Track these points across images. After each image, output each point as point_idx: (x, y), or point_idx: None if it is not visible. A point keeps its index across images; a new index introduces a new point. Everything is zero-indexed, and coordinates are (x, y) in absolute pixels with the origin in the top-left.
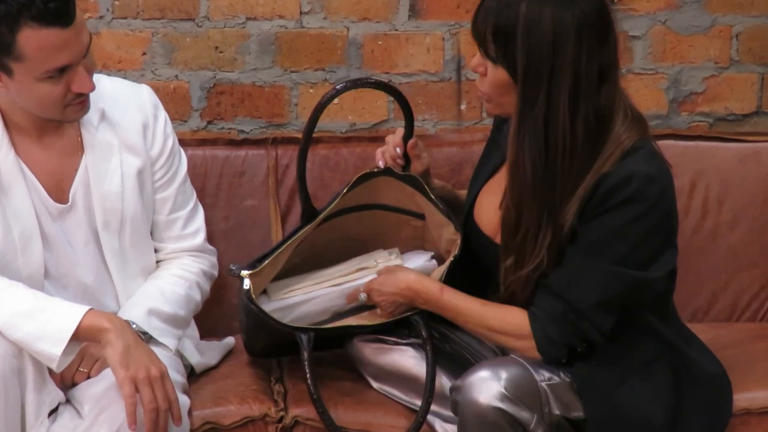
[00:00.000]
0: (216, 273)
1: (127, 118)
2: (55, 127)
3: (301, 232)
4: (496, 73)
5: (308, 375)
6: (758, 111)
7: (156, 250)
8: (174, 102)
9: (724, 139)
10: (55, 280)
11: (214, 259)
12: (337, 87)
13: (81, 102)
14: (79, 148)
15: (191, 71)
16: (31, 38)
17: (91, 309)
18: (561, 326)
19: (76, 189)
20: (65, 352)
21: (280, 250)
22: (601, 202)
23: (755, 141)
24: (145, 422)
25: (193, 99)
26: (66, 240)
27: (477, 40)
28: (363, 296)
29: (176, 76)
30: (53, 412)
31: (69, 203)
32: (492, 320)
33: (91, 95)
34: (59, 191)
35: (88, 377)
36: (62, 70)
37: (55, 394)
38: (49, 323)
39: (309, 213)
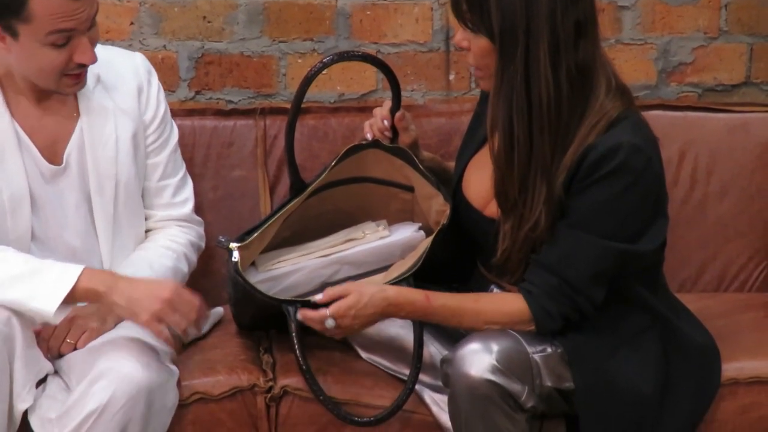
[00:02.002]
0: (203, 244)
1: (121, 82)
2: (50, 94)
3: (290, 204)
4: (478, 43)
5: (296, 346)
6: (747, 81)
7: (145, 218)
8: (162, 72)
9: (712, 110)
10: (41, 242)
11: (202, 231)
12: (324, 60)
13: (79, 74)
14: (75, 112)
15: (179, 41)
16: (43, 2)
17: (84, 269)
18: (557, 300)
19: (71, 151)
20: (59, 310)
21: (269, 223)
22: (588, 174)
23: (744, 111)
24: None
25: (181, 69)
26: (57, 203)
27: (455, 14)
28: (330, 322)
29: (164, 46)
30: (41, 382)
31: (63, 165)
32: (490, 314)
33: None
34: (53, 153)
35: (75, 349)
36: (67, 38)
37: (43, 364)
38: (43, 284)
39: (298, 186)
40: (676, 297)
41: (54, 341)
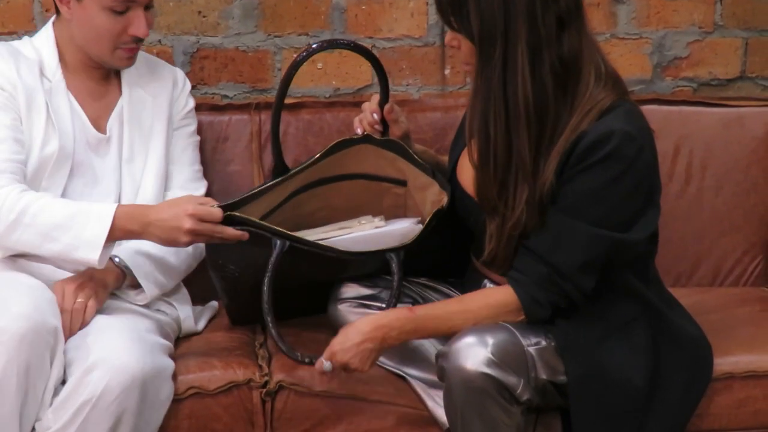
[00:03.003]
0: None
1: (160, 76)
2: (101, 75)
3: (272, 182)
4: (465, 44)
5: (268, 276)
6: (742, 76)
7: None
8: None
9: (707, 104)
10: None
11: None
12: (314, 46)
13: (131, 49)
14: (118, 93)
15: (174, 36)
16: None
17: (117, 212)
18: (545, 288)
19: (113, 124)
20: (102, 255)
21: (249, 193)
22: (579, 161)
23: (739, 106)
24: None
25: (176, 64)
26: (94, 169)
27: (440, 16)
28: (327, 364)
29: (159, 41)
30: None
31: (107, 135)
32: (477, 310)
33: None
34: (98, 126)
35: (82, 322)
36: (126, 7)
37: (61, 374)
38: (84, 231)
39: (280, 168)
40: (669, 291)
41: (67, 306)
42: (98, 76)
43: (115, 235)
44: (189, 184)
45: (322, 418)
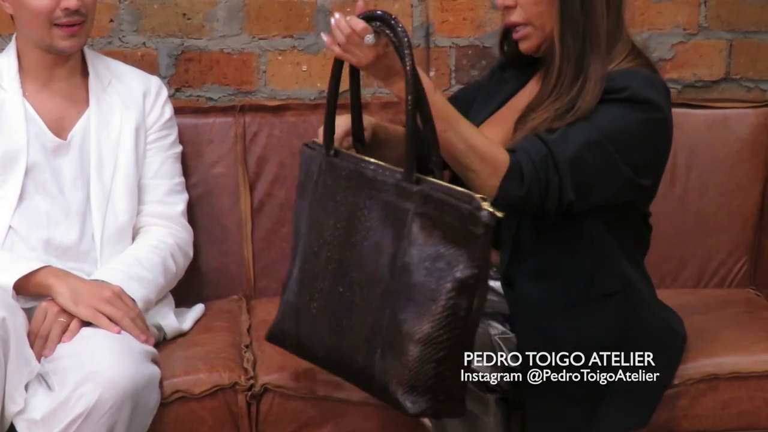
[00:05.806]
0: (191, 253)
1: (132, 86)
2: (65, 76)
3: None
4: None
5: None
6: (726, 77)
7: (137, 214)
8: (141, 69)
9: (692, 106)
10: (27, 201)
11: (190, 239)
12: None
13: (69, 26)
14: (85, 102)
15: (159, 38)
16: None
17: (45, 267)
18: (536, 164)
19: (75, 133)
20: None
21: None
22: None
23: (723, 107)
24: (127, 331)
25: (161, 66)
26: (56, 174)
27: None
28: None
29: (144, 43)
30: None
31: (67, 140)
32: (476, 139)
33: (105, 69)
34: (59, 129)
35: (64, 331)
36: None
37: (34, 366)
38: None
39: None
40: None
41: (43, 332)
42: (62, 79)
43: (23, 287)
44: (168, 197)
45: (307, 420)
